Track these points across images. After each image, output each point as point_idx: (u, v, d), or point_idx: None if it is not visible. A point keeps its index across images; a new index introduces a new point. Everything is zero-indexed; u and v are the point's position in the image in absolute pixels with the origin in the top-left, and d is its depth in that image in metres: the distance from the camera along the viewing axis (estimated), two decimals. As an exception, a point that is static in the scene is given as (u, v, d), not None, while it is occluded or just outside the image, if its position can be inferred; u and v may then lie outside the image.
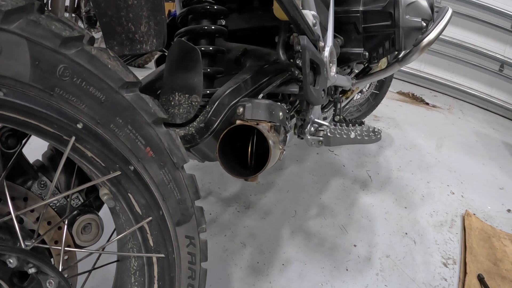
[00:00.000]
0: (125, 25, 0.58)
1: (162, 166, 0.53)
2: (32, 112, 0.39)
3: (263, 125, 0.61)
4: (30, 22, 0.37)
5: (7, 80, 0.36)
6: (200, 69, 0.67)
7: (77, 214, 0.61)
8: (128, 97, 0.46)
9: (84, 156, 0.46)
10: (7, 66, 0.36)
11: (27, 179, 0.59)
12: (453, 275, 1.22)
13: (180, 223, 0.61)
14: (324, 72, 0.77)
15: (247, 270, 1.13)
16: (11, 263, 0.46)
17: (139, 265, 0.64)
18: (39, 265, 0.48)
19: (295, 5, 0.68)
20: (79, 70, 0.41)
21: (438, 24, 1.06)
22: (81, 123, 0.42)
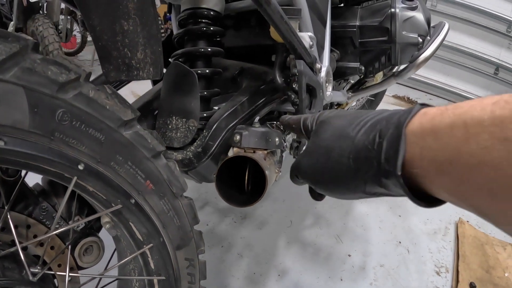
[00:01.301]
0: (121, 50, 0.58)
1: (161, 197, 0.55)
2: (34, 157, 0.39)
3: (259, 153, 0.63)
4: (26, 70, 0.37)
5: (7, 128, 0.37)
6: (197, 93, 0.68)
7: (79, 237, 0.62)
8: (127, 135, 0.47)
9: (86, 191, 0.47)
10: (6, 114, 0.37)
11: (27, 205, 0.60)
12: (446, 283, 1.25)
13: (180, 247, 0.63)
14: (320, 94, 0.78)
15: (244, 281, 1.15)
16: (18, 296, 0.47)
17: (141, 286, 0.65)
18: (45, 295, 0.49)
19: (292, 31, 0.68)
20: (77, 113, 0.42)
21: (435, 40, 1.07)
22: (82, 164, 0.43)
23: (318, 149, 0.39)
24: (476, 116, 0.24)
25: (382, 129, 0.31)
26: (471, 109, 0.24)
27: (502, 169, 0.22)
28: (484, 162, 0.23)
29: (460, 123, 0.24)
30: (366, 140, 0.32)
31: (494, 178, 0.22)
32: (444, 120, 0.26)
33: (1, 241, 0.54)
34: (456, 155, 0.24)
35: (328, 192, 0.40)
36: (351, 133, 0.34)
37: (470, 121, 0.24)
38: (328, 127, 0.39)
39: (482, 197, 0.24)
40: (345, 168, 0.34)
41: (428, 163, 0.27)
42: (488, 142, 0.22)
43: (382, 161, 0.30)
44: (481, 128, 0.23)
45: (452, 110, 0.26)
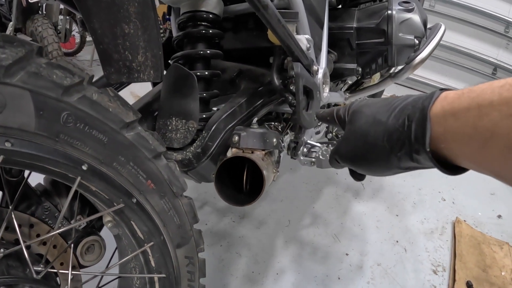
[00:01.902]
0: (122, 52, 0.59)
1: (162, 196, 0.56)
2: (39, 158, 0.41)
3: (258, 153, 0.64)
4: (32, 74, 0.39)
5: (14, 131, 0.39)
6: (196, 95, 0.69)
7: (81, 236, 0.64)
8: (129, 136, 0.48)
9: (89, 191, 0.49)
10: (13, 118, 0.38)
11: (30, 205, 0.61)
12: (443, 282, 1.26)
13: (180, 246, 0.64)
14: (317, 95, 0.80)
15: (242, 279, 1.16)
16: (23, 293, 0.48)
17: (142, 284, 0.67)
18: (50, 292, 0.51)
19: (289, 33, 0.70)
20: (81, 115, 0.43)
21: (431, 42, 1.09)
22: (86, 165, 0.44)
23: (355, 135, 0.45)
24: (487, 98, 0.29)
25: (410, 113, 0.37)
26: (482, 93, 0.30)
27: (509, 138, 0.27)
28: (496, 134, 0.28)
29: (475, 104, 0.30)
30: (396, 123, 0.38)
31: (504, 145, 0.28)
32: (461, 103, 0.32)
33: (5, 240, 0.55)
34: (473, 131, 0.30)
35: (368, 171, 0.46)
36: (383, 119, 0.40)
37: (483, 102, 0.29)
38: (361, 115, 0.45)
39: (498, 161, 0.29)
40: (381, 149, 0.40)
41: (451, 139, 0.33)
42: (498, 118, 0.28)
43: (413, 140, 0.36)
44: (491, 107, 0.29)
45: (468, 94, 0.32)
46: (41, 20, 2.86)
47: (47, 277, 0.59)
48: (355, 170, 0.50)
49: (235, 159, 0.63)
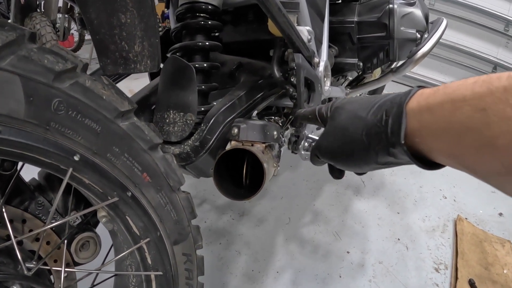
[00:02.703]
0: (119, 43, 0.57)
1: (159, 190, 0.54)
2: (29, 147, 0.39)
3: (258, 146, 0.62)
4: (22, 58, 0.37)
5: (2, 117, 0.37)
6: (194, 87, 0.67)
7: (75, 232, 0.62)
8: (124, 126, 0.46)
9: (81, 183, 0.47)
10: (1, 103, 0.36)
11: (23, 200, 0.59)
12: (445, 280, 1.25)
13: (177, 242, 0.62)
14: (318, 88, 0.78)
15: (242, 278, 1.14)
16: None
17: (138, 282, 0.65)
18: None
19: (290, 24, 0.68)
20: (74, 103, 0.41)
21: (433, 36, 1.07)
22: (78, 155, 0.42)
23: (335, 131, 0.46)
24: (461, 94, 0.30)
25: (387, 109, 0.38)
26: (457, 88, 0.31)
27: (481, 132, 0.28)
28: (469, 128, 0.29)
29: (449, 100, 0.31)
30: (375, 119, 0.39)
31: (476, 139, 0.29)
32: (436, 99, 0.33)
33: (-4, 236, 0.53)
34: (447, 124, 0.31)
35: (346, 166, 0.47)
36: (362, 114, 0.41)
37: (456, 98, 0.30)
38: (342, 111, 0.46)
39: (470, 156, 0.30)
40: (359, 143, 0.41)
41: (426, 133, 0.33)
42: (470, 112, 0.29)
43: (389, 134, 0.37)
44: (464, 102, 0.30)
45: (443, 90, 0.32)
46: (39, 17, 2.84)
47: (40, 274, 0.57)
48: (334, 165, 0.51)
49: (234, 151, 0.61)
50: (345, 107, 0.46)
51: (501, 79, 0.28)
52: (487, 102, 0.28)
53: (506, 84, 0.27)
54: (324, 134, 0.49)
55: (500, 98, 0.27)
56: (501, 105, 0.27)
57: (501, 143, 0.27)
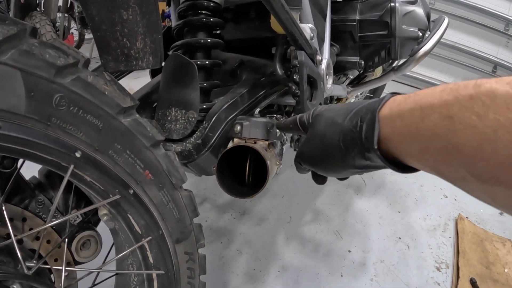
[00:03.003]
0: (120, 40, 0.57)
1: (161, 188, 0.54)
2: (29, 143, 0.38)
3: (261, 143, 0.62)
4: (23, 52, 0.37)
5: (2, 113, 0.36)
6: (196, 84, 0.67)
7: (76, 231, 0.61)
8: (126, 123, 0.46)
9: (83, 181, 0.46)
10: (2, 98, 0.36)
11: (24, 198, 0.58)
12: (446, 279, 1.24)
13: (179, 241, 0.62)
14: (321, 85, 0.77)
15: (243, 277, 1.14)
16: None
17: (139, 281, 0.64)
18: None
19: (293, 20, 0.68)
20: (75, 98, 0.41)
21: (435, 34, 1.07)
22: (80, 152, 0.42)
23: (314, 137, 0.47)
24: (429, 101, 0.31)
25: (362, 115, 0.39)
26: (425, 96, 0.32)
27: (448, 138, 0.29)
28: (436, 134, 0.30)
29: (418, 107, 0.32)
30: (351, 125, 0.41)
31: (443, 146, 0.30)
32: (406, 106, 0.34)
33: (-4, 234, 0.52)
34: (416, 131, 0.32)
35: (327, 171, 0.49)
36: (339, 120, 0.43)
37: (425, 105, 0.31)
38: (321, 119, 0.47)
39: (437, 160, 0.31)
40: (337, 149, 0.42)
41: (397, 139, 0.35)
42: (437, 120, 0.30)
43: (363, 139, 0.38)
44: (432, 109, 0.31)
45: (413, 97, 0.34)
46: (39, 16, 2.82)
47: (40, 273, 0.56)
48: (316, 171, 0.52)
49: (237, 149, 0.60)
50: (324, 114, 0.47)
51: (468, 88, 0.28)
52: (453, 110, 0.29)
53: (472, 93, 0.28)
54: (305, 141, 0.50)
55: (466, 106, 0.28)
56: (466, 113, 0.28)
57: (466, 150, 0.28)
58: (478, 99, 0.27)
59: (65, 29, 3.46)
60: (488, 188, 0.28)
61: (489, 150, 0.26)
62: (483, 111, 0.27)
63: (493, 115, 0.26)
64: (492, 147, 0.26)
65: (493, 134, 0.26)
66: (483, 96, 0.27)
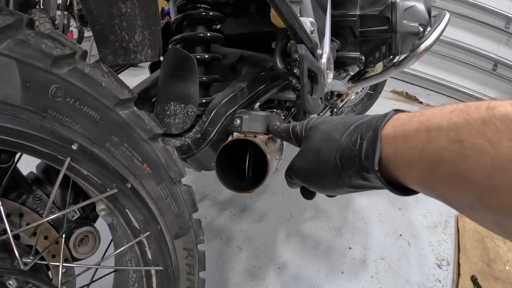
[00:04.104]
0: (119, 33, 0.56)
1: (159, 182, 0.53)
2: (25, 135, 0.37)
3: (261, 137, 0.61)
4: (19, 42, 0.36)
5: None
6: (195, 78, 0.66)
7: (74, 227, 0.60)
8: (124, 115, 0.45)
9: (80, 175, 0.45)
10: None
11: (21, 193, 0.57)
12: (447, 276, 1.24)
13: (178, 236, 0.61)
14: (321, 80, 0.76)
15: (243, 274, 1.13)
16: (10, 284, 0.45)
17: (138, 277, 0.63)
18: (39, 284, 0.47)
19: (293, 14, 0.67)
20: (72, 90, 0.40)
21: (436, 29, 1.06)
22: (76, 144, 0.41)
23: (309, 152, 0.44)
24: (437, 123, 0.29)
25: (363, 132, 0.36)
26: (433, 117, 0.30)
27: (456, 164, 0.27)
28: (443, 159, 0.28)
29: (424, 128, 0.30)
30: (349, 141, 0.38)
31: (450, 171, 0.28)
32: (411, 126, 0.31)
33: (-8, 230, 0.52)
34: (422, 154, 0.30)
35: (319, 188, 0.45)
36: (337, 135, 0.40)
37: (432, 127, 0.29)
38: (317, 132, 0.44)
39: (443, 186, 0.29)
40: (333, 165, 0.39)
41: (400, 160, 0.32)
42: (445, 143, 0.28)
43: (363, 158, 0.36)
44: (440, 132, 0.28)
45: (418, 117, 0.31)
46: (38, 14, 2.81)
47: (37, 269, 0.55)
48: (307, 187, 0.49)
49: (237, 142, 0.59)
50: (319, 127, 0.44)
51: (480, 110, 0.26)
52: (464, 134, 0.27)
53: (485, 116, 0.26)
54: (297, 155, 0.47)
55: (478, 131, 0.26)
56: (479, 139, 0.25)
57: (476, 178, 0.26)
58: (492, 124, 0.25)
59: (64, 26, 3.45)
60: (499, 218, 0.26)
61: (501, 180, 0.24)
62: (496, 137, 0.25)
63: (508, 142, 0.24)
64: (505, 176, 0.24)
65: (507, 163, 0.24)
66: (497, 121, 0.25)
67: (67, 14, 3.46)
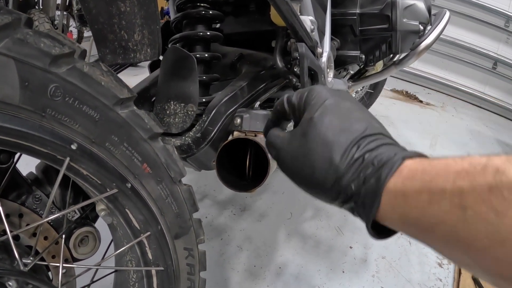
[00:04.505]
0: (118, 32, 0.56)
1: (159, 182, 0.52)
2: (24, 135, 0.37)
3: (261, 136, 0.61)
4: (17, 41, 0.35)
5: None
6: (195, 77, 0.66)
7: (74, 227, 0.60)
8: (123, 114, 0.45)
9: (79, 175, 0.45)
10: (-5, 88, 0.35)
11: (20, 194, 0.57)
12: (448, 275, 1.24)
13: (178, 236, 0.60)
14: (321, 78, 0.76)
15: (244, 274, 1.13)
16: (10, 285, 0.45)
17: (138, 277, 0.63)
18: (39, 285, 0.47)
19: (293, 12, 0.66)
20: (71, 89, 0.39)
21: (436, 28, 1.06)
22: (75, 144, 0.41)
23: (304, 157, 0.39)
24: (440, 185, 0.27)
25: (367, 176, 0.33)
26: (437, 177, 0.28)
27: (457, 229, 0.26)
28: (444, 222, 0.27)
29: (426, 190, 0.28)
30: (350, 178, 0.35)
31: (449, 233, 0.26)
32: (413, 185, 0.30)
33: (-8, 231, 0.51)
34: (421, 215, 0.29)
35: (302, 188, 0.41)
36: (336, 157, 0.35)
37: (435, 190, 0.28)
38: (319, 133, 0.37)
39: (440, 245, 0.28)
40: (328, 186, 0.36)
41: (397, 218, 0.31)
42: (448, 207, 0.26)
43: (359, 204, 0.34)
44: (443, 195, 0.27)
45: (421, 176, 0.30)
46: (37, 14, 2.81)
47: (37, 270, 0.55)
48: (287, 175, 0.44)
49: (237, 141, 0.59)
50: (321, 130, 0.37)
51: (487, 174, 0.25)
52: (468, 201, 0.25)
53: (492, 183, 0.24)
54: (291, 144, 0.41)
55: (483, 199, 0.24)
56: (483, 206, 0.24)
57: (477, 245, 0.25)
58: (498, 192, 0.24)
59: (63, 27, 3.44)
60: (496, 281, 0.25)
61: (503, 252, 0.23)
62: (502, 207, 0.23)
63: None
64: (507, 249, 0.23)
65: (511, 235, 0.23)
66: (505, 190, 0.23)
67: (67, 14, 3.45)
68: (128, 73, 1.15)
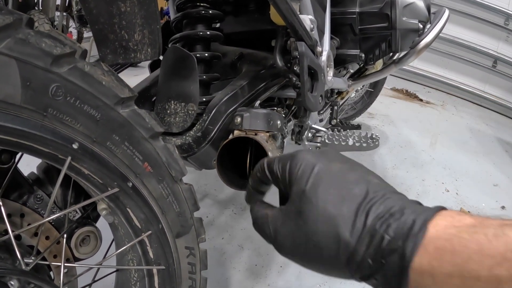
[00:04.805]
0: (118, 32, 0.56)
1: (160, 180, 0.53)
2: (26, 134, 0.37)
3: (261, 135, 0.61)
4: (19, 41, 0.36)
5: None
6: (196, 77, 0.66)
7: (75, 227, 0.60)
8: (124, 113, 0.45)
9: (81, 174, 0.45)
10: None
11: (22, 194, 0.57)
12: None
13: (179, 235, 0.61)
14: (321, 77, 0.76)
15: (245, 273, 1.13)
16: (12, 285, 0.45)
17: (140, 277, 0.63)
18: (41, 284, 0.47)
19: (293, 11, 0.67)
20: (72, 88, 0.40)
21: (435, 26, 1.06)
22: (77, 143, 0.41)
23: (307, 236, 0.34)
24: (474, 271, 0.25)
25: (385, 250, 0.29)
26: (469, 261, 0.26)
27: None
28: None
29: (457, 273, 0.26)
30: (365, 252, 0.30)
31: None
32: (442, 268, 0.27)
33: (-6, 230, 0.52)
34: None
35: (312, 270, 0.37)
36: (346, 234, 0.31)
37: (468, 275, 0.26)
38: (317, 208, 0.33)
39: None
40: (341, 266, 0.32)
41: None
42: None
43: (382, 282, 0.30)
44: (477, 282, 0.25)
45: (451, 258, 0.27)
46: (37, 15, 2.81)
47: (39, 270, 0.55)
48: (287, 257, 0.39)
49: (238, 140, 0.59)
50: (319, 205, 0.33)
51: None
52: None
53: None
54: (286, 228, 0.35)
55: None
56: None
57: None
58: None
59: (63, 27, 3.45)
60: None
61: None
62: None
63: None
64: None
65: None
66: None
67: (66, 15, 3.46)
68: (128, 73, 1.15)
